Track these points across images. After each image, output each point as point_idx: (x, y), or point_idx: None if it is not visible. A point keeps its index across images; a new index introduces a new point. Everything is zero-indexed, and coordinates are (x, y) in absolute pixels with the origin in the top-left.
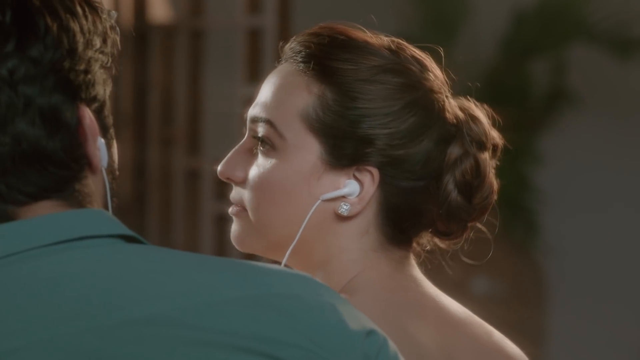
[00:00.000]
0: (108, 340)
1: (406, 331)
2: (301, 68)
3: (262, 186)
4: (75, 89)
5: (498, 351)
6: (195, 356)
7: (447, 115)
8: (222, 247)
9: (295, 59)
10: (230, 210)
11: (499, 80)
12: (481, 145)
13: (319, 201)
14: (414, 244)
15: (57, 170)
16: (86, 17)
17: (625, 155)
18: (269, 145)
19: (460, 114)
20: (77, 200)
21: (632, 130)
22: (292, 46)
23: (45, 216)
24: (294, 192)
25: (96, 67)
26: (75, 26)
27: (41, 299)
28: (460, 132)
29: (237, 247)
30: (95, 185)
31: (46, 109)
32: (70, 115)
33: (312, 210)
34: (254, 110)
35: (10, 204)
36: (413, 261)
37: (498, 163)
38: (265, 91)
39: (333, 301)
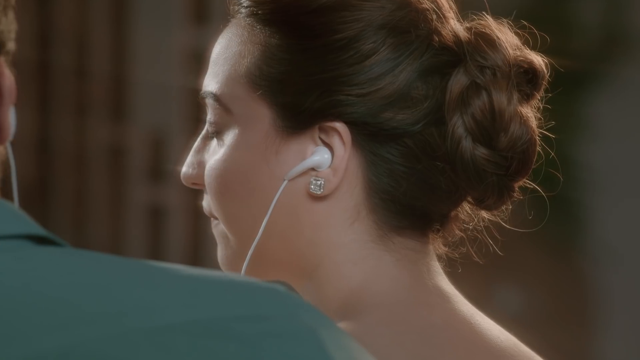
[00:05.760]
0: None
1: None
2: (245, 19)
3: (217, 183)
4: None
5: None
6: None
7: (439, 38)
8: (156, 247)
9: (240, 12)
10: (213, 227)
11: (533, 21)
12: (496, 74)
13: (285, 182)
14: (453, 228)
15: None
16: None
17: None
18: (218, 125)
19: (465, 36)
20: None
21: None
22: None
23: None
24: (253, 179)
25: (10, 13)
26: None
27: None
28: (463, 58)
29: None
30: None
31: None
32: None
33: (276, 197)
34: (202, 87)
35: None
36: (437, 265)
37: (542, 96)
38: (211, 59)
39: (314, 325)
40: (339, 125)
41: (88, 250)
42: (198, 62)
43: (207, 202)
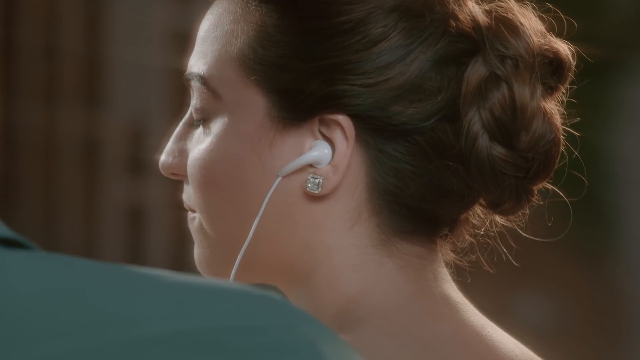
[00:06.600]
0: None
1: None
2: None
3: (202, 175)
4: None
5: None
6: None
7: (456, 23)
8: (135, 250)
9: None
10: (189, 222)
11: (560, 3)
12: (518, 64)
13: (279, 179)
14: (463, 233)
15: None
16: None
17: None
18: (204, 111)
19: (485, 21)
20: None
21: None
22: None
23: None
24: (243, 173)
25: None
26: None
27: None
28: (482, 46)
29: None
30: None
31: None
32: None
33: (268, 195)
34: (188, 67)
35: None
36: (445, 271)
37: (567, 88)
38: (198, 36)
39: (314, 338)
40: (342, 118)
41: (60, 254)
42: (182, 42)
43: (188, 195)
